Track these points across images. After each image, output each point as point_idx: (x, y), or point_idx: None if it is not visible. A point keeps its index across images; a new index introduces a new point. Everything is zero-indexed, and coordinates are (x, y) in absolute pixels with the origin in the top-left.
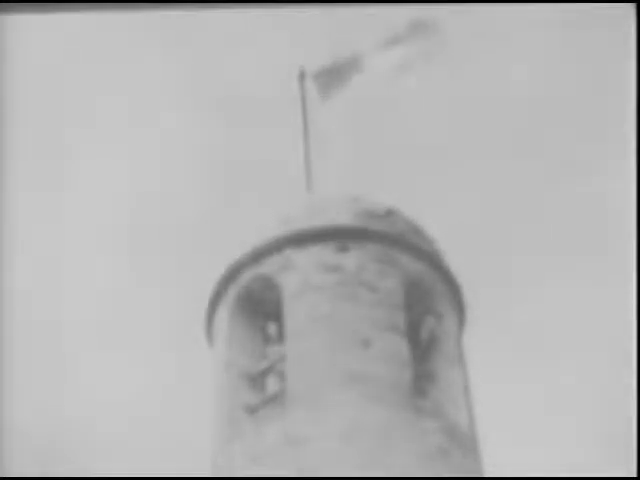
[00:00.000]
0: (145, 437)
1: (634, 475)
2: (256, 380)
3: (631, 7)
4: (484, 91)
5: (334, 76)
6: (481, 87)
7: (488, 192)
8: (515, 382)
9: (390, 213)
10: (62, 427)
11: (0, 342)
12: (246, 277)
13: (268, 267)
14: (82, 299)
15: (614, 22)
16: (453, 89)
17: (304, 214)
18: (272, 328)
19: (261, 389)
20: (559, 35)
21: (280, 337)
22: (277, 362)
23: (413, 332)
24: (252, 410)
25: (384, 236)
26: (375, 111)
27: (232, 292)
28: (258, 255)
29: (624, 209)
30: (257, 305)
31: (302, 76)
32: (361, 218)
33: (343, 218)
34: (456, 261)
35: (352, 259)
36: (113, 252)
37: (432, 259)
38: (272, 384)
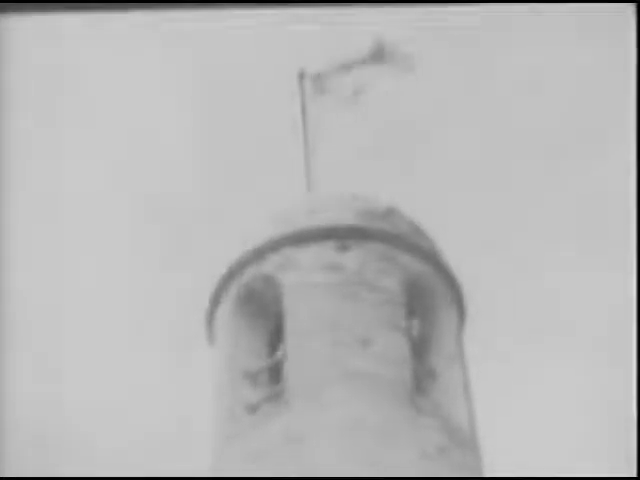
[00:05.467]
0: (145, 436)
1: (634, 475)
2: (256, 378)
3: (631, 7)
4: (484, 90)
5: (332, 79)
6: (481, 86)
7: (488, 190)
8: (515, 381)
9: (390, 212)
10: (61, 427)
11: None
12: (247, 276)
13: (269, 266)
14: (81, 299)
15: (614, 22)
16: (453, 88)
17: (304, 213)
18: (272, 327)
19: (261, 387)
20: (559, 35)
21: (280, 336)
22: (277, 360)
23: (413, 330)
24: (252, 408)
25: (384, 235)
26: (375, 110)
27: (233, 291)
28: (259, 254)
29: (624, 199)
30: (258, 304)
31: (302, 76)
32: (361, 217)
33: (343, 217)
34: (456, 259)
35: (352, 258)
36: (112, 251)
37: (432, 258)
38: (272, 382)
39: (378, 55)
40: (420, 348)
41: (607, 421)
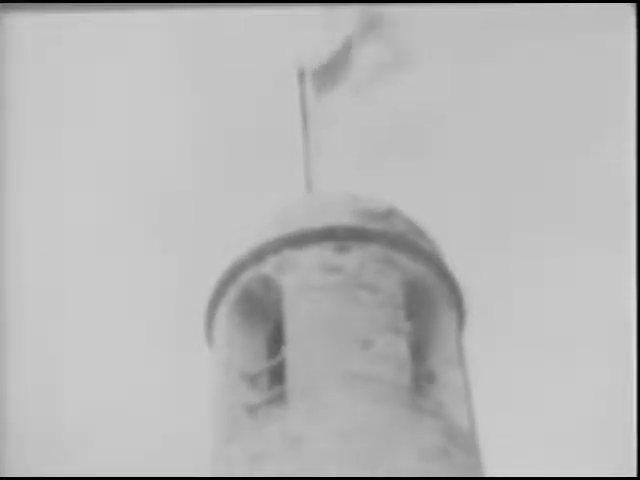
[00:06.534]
0: (145, 437)
1: (634, 475)
2: (256, 380)
3: (631, 7)
4: (484, 88)
5: (331, 72)
6: (482, 84)
7: (489, 189)
8: (515, 381)
9: (390, 213)
10: (62, 427)
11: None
12: (246, 277)
13: (268, 267)
14: (81, 299)
15: (614, 22)
16: (453, 87)
17: (304, 214)
18: (272, 328)
19: (261, 389)
20: (559, 35)
21: (280, 337)
22: (277, 362)
23: (413, 332)
24: (252, 410)
25: (384, 236)
26: (375, 111)
27: (232, 292)
28: (258, 255)
29: (625, 198)
30: (257, 305)
31: (301, 75)
32: (361, 218)
33: (343, 218)
34: (456, 260)
35: (352, 259)
36: (112, 251)
37: (432, 259)
38: (272, 384)
39: (368, 25)
40: (420, 350)
41: (607, 421)
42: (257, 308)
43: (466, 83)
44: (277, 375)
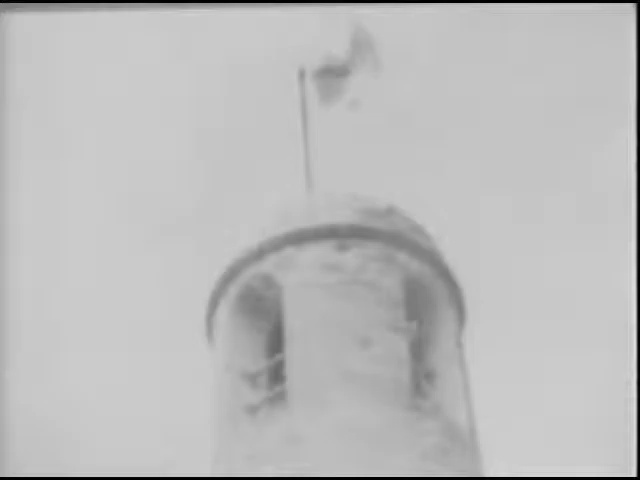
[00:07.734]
0: (145, 437)
1: (634, 475)
2: (256, 380)
3: (631, 7)
4: (485, 88)
5: (331, 79)
6: (482, 84)
7: (489, 188)
8: (515, 381)
9: (390, 211)
10: (61, 427)
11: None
12: (246, 276)
13: (268, 266)
14: (81, 298)
15: (614, 22)
16: (453, 86)
17: (304, 212)
18: (272, 327)
19: (261, 388)
20: (559, 35)
21: (280, 336)
22: (277, 361)
23: (413, 331)
24: (252, 410)
25: (384, 235)
26: (375, 110)
27: (232, 291)
28: (258, 254)
29: (625, 201)
30: (257, 304)
31: (302, 75)
32: (361, 216)
33: (343, 216)
34: (456, 259)
35: (352, 258)
36: (112, 251)
37: (432, 258)
38: (272, 383)
39: (357, 44)
40: (420, 348)
41: (607, 421)
42: (257, 307)
43: (466, 84)
44: (277, 374)
